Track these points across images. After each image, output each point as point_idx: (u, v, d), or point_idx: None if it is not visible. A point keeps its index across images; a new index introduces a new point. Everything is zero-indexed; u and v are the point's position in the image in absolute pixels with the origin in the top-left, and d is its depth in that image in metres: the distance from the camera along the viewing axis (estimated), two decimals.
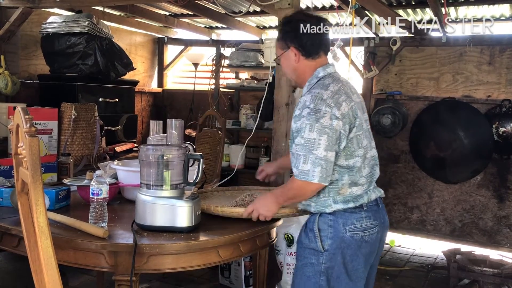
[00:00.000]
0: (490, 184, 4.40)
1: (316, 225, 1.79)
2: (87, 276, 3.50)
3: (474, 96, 4.43)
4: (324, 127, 1.69)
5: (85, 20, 3.75)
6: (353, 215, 1.78)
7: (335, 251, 1.76)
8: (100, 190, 1.77)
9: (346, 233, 1.76)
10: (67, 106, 3.21)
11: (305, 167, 1.69)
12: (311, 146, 1.69)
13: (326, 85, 1.79)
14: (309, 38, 1.83)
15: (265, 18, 4.79)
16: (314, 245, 1.78)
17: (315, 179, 1.69)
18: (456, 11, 4.11)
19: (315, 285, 1.77)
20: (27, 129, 1.24)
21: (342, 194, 1.78)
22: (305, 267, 1.80)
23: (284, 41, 1.87)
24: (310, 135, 1.69)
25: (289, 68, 1.91)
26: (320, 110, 1.70)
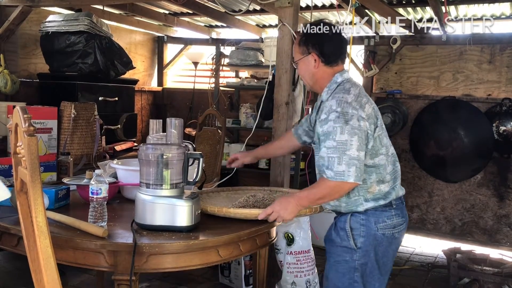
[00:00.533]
0: (490, 183, 4.40)
1: (348, 225, 1.87)
2: (87, 275, 3.49)
3: (474, 95, 4.43)
4: (353, 129, 1.77)
5: (85, 18, 3.75)
6: (384, 213, 1.87)
7: (368, 248, 1.86)
8: (99, 189, 1.76)
9: (378, 230, 1.86)
10: (67, 105, 3.21)
11: (340, 168, 1.75)
12: (344, 147, 1.76)
13: (347, 89, 1.88)
14: (330, 47, 1.93)
15: (265, 16, 4.78)
16: (346, 243, 1.87)
17: (351, 178, 1.76)
18: (456, 9, 4.10)
19: (349, 280, 1.87)
20: (25, 129, 1.23)
21: (372, 193, 1.87)
22: (338, 264, 1.89)
23: (305, 46, 1.95)
24: (342, 137, 1.76)
25: (307, 73, 1.98)
26: (347, 113, 1.78)
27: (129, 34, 5.31)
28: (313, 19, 4.58)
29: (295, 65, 2.04)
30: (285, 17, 2.86)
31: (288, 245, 3.02)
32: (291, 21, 2.84)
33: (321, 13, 4.46)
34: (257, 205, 2.04)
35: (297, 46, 1.99)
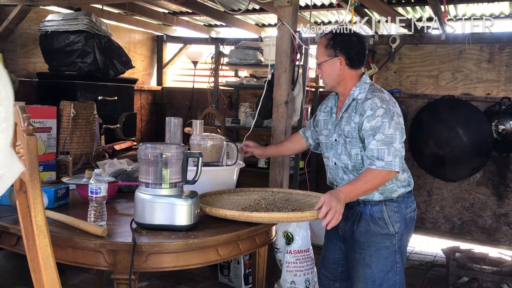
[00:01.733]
0: (490, 182, 4.40)
1: (385, 214, 2.07)
2: (86, 274, 3.50)
3: (473, 94, 4.43)
4: (396, 124, 1.99)
5: (84, 18, 3.75)
6: (409, 199, 2.13)
7: (403, 232, 2.09)
8: (99, 189, 1.76)
9: (407, 214, 2.11)
10: (66, 104, 3.21)
11: (389, 158, 1.95)
12: (391, 140, 1.96)
13: (380, 89, 2.11)
14: (356, 52, 2.10)
15: (264, 16, 4.78)
16: (386, 230, 2.06)
17: (396, 168, 1.96)
18: (455, 8, 4.11)
19: (392, 263, 2.07)
20: (24, 128, 1.23)
21: (400, 180, 2.09)
22: (380, 250, 2.07)
23: (333, 50, 2.09)
24: (389, 131, 1.97)
25: (331, 74, 2.12)
26: (390, 109, 2.00)
27: (128, 33, 5.31)
28: (312, 18, 4.58)
29: (319, 66, 2.16)
30: (284, 16, 2.86)
31: (287, 244, 3.02)
32: (290, 20, 2.84)
33: (320, 12, 4.46)
34: (270, 208, 2.04)
35: (324, 49, 2.12)
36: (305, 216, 1.95)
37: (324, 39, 2.13)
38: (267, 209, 2.01)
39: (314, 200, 2.25)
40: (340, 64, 2.09)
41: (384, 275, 2.07)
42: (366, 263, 2.08)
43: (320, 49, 2.14)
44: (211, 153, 2.41)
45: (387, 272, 2.07)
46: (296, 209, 2.05)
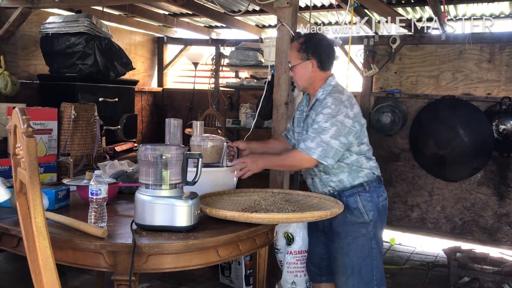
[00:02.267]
0: (490, 181, 4.40)
1: (360, 204, 2.22)
2: (87, 276, 3.50)
3: (474, 94, 4.43)
4: (337, 121, 2.12)
5: (85, 20, 3.75)
6: (380, 189, 2.29)
7: (377, 219, 2.24)
8: (99, 190, 1.76)
9: (379, 203, 2.27)
10: (67, 106, 3.21)
11: (311, 144, 2.13)
12: (321, 131, 2.12)
13: (341, 91, 2.25)
14: (327, 55, 2.27)
15: (264, 17, 4.79)
16: (362, 219, 2.21)
17: (315, 155, 2.12)
18: (455, 9, 4.11)
19: (369, 249, 2.23)
20: (24, 130, 1.24)
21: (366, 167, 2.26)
22: (357, 238, 2.22)
23: (305, 53, 2.24)
24: (324, 124, 2.13)
25: (304, 76, 2.28)
26: (339, 110, 2.14)
27: (129, 35, 5.32)
28: (312, 19, 4.59)
29: (292, 68, 2.30)
30: (284, 17, 2.86)
31: (287, 245, 3.02)
32: (290, 21, 2.84)
33: (320, 13, 4.47)
34: (270, 209, 2.04)
35: (297, 52, 2.26)
36: (305, 217, 1.96)
37: (296, 43, 2.28)
38: (267, 210, 2.01)
39: (314, 201, 2.26)
40: (312, 66, 2.25)
41: (362, 261, 2.22)
42: (344, 252, 2.24)
43: (293, 52, 2.28)
44: (211, 154, 2.41)
45: (364, 258, 2.23)
46: (296, 210, 2.05)
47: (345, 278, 2.26)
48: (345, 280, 2.26)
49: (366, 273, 2.23)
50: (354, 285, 2.24)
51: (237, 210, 2.02)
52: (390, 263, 4.16)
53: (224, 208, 2.06)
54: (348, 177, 2.25)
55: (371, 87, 4.82)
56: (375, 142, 4.80)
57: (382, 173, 2.40)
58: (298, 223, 2.95)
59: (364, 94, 4.82)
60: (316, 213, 1.96)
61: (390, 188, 4.74)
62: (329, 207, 2.12)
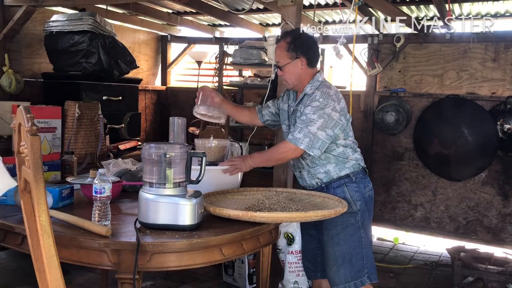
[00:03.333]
0: (495, 181, 4.38)
1: (347, 194, 2.30)
2: (91, 274, 3.51)
3: (478, 93, 4.41)
4: (324, 114, 2.20)
5: (89, 18, 3.76)
6: (365, 180, 2.37)
7: (364, 209, 2.33)
8: (103, 188, 1.76)
9: (366, 193, 2.35)
10: (71, 105, 3.22)
11: (298, 135, 2.21)
12: (309, 123, 2.20)
13: (328, 86, 2.33)
14: (314, 52, 2.35)
15: (268, 15, 4.78)
16: (350, 209, 2.24)
17: (302, 146, 2.20)
18: (460, 7, 4.09)
19: (358, 238, 2.30)
20: (28, 128, 1.24)
21: (352, 159, 2.34)
22: (346, 228, 2.29)
23: (294, 52, 2.30)
24: (312, 116, 2.21)
25: (293, 74, 2.33)
26: (327, 104, 2.22)
27: (133, 34, 5.32)
28: (316, 18, 4.58)
29: (281, 68, 2.35)
30: (288, 15, 2.86)
31: (288, 245, 3.03)
32: (294, 19, 2.84)
33: (324, 11, 4.46)
34: (274, 208, 2.03)
35: (285, 52, 2.31)
36: (309, 216, 1.95)
37: (283, 43, 2.32)
38: (271, 209, 2.01)
39: (318, 200, 2.25)
40: (301, 64, 2.31)
41: (352, 250, 2.29)
42: (334, 242, 2.30)
43: (281, 52, 2.33)
44: (215, 153, 2.42)
45: (354, 247, 2.29)
46: (300, 209, 2.05)
47: (336, 268, 2.30)
48: (336, 270, 2.30)
49: (357, 261, 2.29)
50: (345, 274, 2.29)
51: (241, 209, 2.01)
52: (394, 263, 4.15)
53: (227, 207, 2.06)
54: (335, 167, 2.32)
55: (375, 86, 4.80)
56: (379, 141, 4.80)
57: (386, 172, 2.43)
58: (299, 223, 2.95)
59: (368, 93, 4.81)
60: (320, 212, 1.96)
61: (393, 187, 4.73)
62: (332, 206, 2.12)
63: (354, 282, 2.28)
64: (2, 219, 1.82)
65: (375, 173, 4.69)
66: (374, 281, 2.34)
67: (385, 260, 4.24)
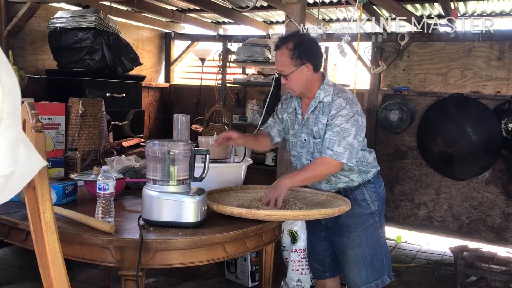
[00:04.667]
0: (499, 180, 4.37)
1: (366, 195, 2.28)
2: (94, 270, 3.52)
3: (482, 92, 4.39)
4: (355, 121, 2.14)
5: (92, 15, 3.76)
6: (379, 179, 2.36)
7: (381, 209, 2.34)
8: (106, 185, 1.77)
9: (381, 193, 2.34)
10: (75, 101, 3.22)
11: (339, 149, 2.12)
12: (345, 134, 2.12)
13: (343, 89, 2.25)
14: (318, 55, 2.24)
15: (272, 13, 4.77)
16: (369, 210, 2.27)
17: (344, 159, 2.12)
18: (465, 6, 4.07)
19: (377, 238, 2.30)
20: (33, 124, 1.24)
21: (371, 163, 2.32)
22: (367, 229, 2.28)
23: (299, 59, 2.16)
24: (345, 126, 2.13)
25: (300, 81, 2.20)
26: (353, 109, 2.15)
27: (137, 31, 5.32)
28: (320, 15, 4.56)
29: (287, 77, 2.19)
30: (292, 13, 2.85)
31: (292, 243, 3.02)
32: (298, 17, 2.83)
33: (328, 9, 4.44)
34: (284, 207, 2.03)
35: (289, 60, 2.16)
36: (312, 214, 1.95)
37: (286, 50, 2.16)
38: (274, 207, 2.01)
39: (321, 198, 2.25)
40: (307, 71, 2.18)
41: (373, 251, 2.29)
42: (356, 244, 2.28)
43: (285, 60, 2.17)
44: (219, 150, 2.41)
45: (375, 248, 2.29)
46: (303, 207, 2.05)
47: (357, 270, 2.29)
48: (357, 272, 2.29)
49: (378, 261, 2.30)
50: (368, 275, 2.28)
51: (244, 206, 2.01)
52: (396, 261, 4.15)
53: (231, 204, 2.06)
54: (358, 178, 2.28)
55: (379, 84, 4.79)
56: (383, 140, 4.79)
57: (389, 171, 2.43)
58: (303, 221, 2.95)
59: (372, 92, 4.80)
60: (324, 211, 1.96)
61: (397, 186, 4.72)
62: (336, 204, 2.11)
63: (375, 282, 2.29)
64: (6, 215, 1.82)
65: None
66: (392, 279, 2.36)
67: None
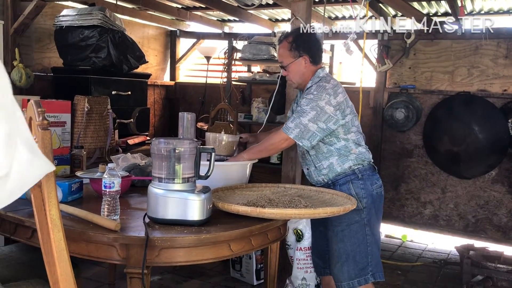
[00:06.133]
0: (505, 179, 4.34)
1: (353, 191, 2.30)
2: (99, 268, 3.53)
3: (489, 90, 4.36)
4: (317, 106, 2.23)
5: (98, 13, 3.76)
6: (373, 177, 2.36)
7: (370, 207, 2.31)
8: (112, 183, 1.77)
9: (373, 191, 2.33)
10: (80, 99, 3.23)
11: (290, 125, 2.26)
12: (302, 114, 2.24)
13: (328, 80, 2.34)
14: (317, 48, 2.38)
15: (277, 10, 4.76)
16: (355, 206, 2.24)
17: (292, 135, 2.24)
18: (472, 3, 4.04)
19: (362, 235, 2.30)
20: (39, 122, 1.24)
21: (355, 153, 2.33)
22: (351, 225, 2.29)
23: (297, 51, 2.32)
24: (305, 108, 2.24)
25: (298, 73, 2.37)
26: (321, 96, 2.24)
27: (142, 29, 5.32)
28: (326, 13, 4.55)
29: (285, 68, 2.38)
30: (298, 11, 2.84)
31: (297, 241, 3.02)
32: (304, 15, 2.82)
33: (334, 7, 4.43)
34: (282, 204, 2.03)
35: (288, 51, 2.34)
36: (317, 213, 1.95)
37: (286, 42, 2.35)
38: (279, 205, 2.01)
39: (327, 197, 2.25)
40: (305, 62, 2.34)
41: (356, 248, 2.29)
42: (339, 238, 2.31)
43: (284, 52, 2.36)
44: (226, 147, 2.43)
45: (358, 245, 2.29)
46: (308, 206, 2.04)
47: (339, 265, 2.31)
48: (340, 267, 2.31)
49: (361, 259, 2.29)
50: (349, 271, 2.29)
51: (250, 205, 2.01)
52: (402, 260, 4.14)
53: (236, 202, 2.06)
54: (338, 160, 2.33)
55: (385, 82, 4.77)
56: (388, 138, 4.77)
57: (395, 169, 2.41)
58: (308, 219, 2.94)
59: (378, 90, 4.78)
60: (329, 209, 1.95)
61: (402, 184, 4.70)
62: (341, 203, 2.11)
63: (358, 280, 2.29)
64: (12, 212, 1.83)
65: (384, 170, 4.66)
66: (380, 279, 2.33)
67: (393, 257, 4.23)
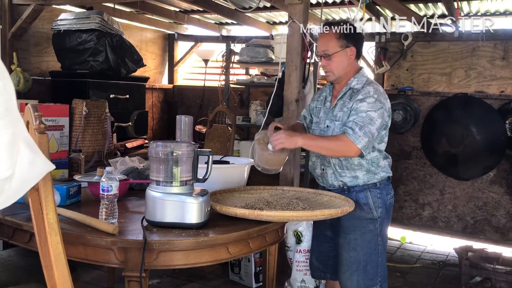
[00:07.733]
0: (503, 180, 4.35)
1: (370, 199, 2.22)
2: (98, 272, 3.52)
3: (487, 92, 4.38)
4: (381, 114, 2.12)
5: (96, 17, 3.77)
6: (388, 186, 2.28)
7: (384, 216, 2.25)
8: (110, 186, 1.77)
9: (387, 201, 2.26)
10: (78, 103, 3.23)
11: (359, 133, 2.06)
12: (370, 121, 2.08)
13: (376, 83, 2.24)
14: (362, 44, 2.28)
15: (275, 13, 4.77)
16: (370, 215, 2.22)
17: (360, 145, 2.06)
18: (469, 5, 4.05)
19: (375, 245, 2.24)
20: (36, 126, 1.25)
21: (381, 166, 2.24)
22: (365, 234, 2.22)
23: (345, 40, 2.19)
24: (372, 114, 2.09)
25: (341, 64, 2.20)
26: (380, 100, 2.13)
27: (140, 32, 5.33)
28: (323, 16, 4.56)
29: (329, 57, 2.20)
30: (295, 14, 2.85)
31: (297, 244, 3.02)
32: (301, 18, 2.83)
33: (331, 9, 4.44)
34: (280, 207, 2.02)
35: (335, 40, 2.19)
36: (315, 215, 1.95)
37: (332, 31, 2.21)
38: (277, 208, 2.01)
39: (325, 199, 2.25)
40: (350, 54, 2.20)
41: (368, 257, 2.22)
42: (351, 246, 2.24)
43: (330, 40, 2.20)
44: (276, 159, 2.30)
45: (370, 254, 2.23)
46: (306, 208, 2.04)
47: (349, 274, 2.24)
48: (349, 275, 2.24)
49: (371, 269, 2.23)
50: (359, 281, 2.23)
51: (248, 207, 2.01)
52: (401, 262, 4.14)
53: (234, 205, 2.06)
54: (364, 176, 2.22)
55: (383, 84, 4.78)
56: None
57: (393, 171, 2.39)
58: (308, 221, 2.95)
59: None
60: (327, 211, 1.95)
61: (401, 186, 4.71)
62: (339, 205, 2.11)
63: None
64: (10, 216, 1.83)
65: None
66: None
67: (392, 259, 4.22)
